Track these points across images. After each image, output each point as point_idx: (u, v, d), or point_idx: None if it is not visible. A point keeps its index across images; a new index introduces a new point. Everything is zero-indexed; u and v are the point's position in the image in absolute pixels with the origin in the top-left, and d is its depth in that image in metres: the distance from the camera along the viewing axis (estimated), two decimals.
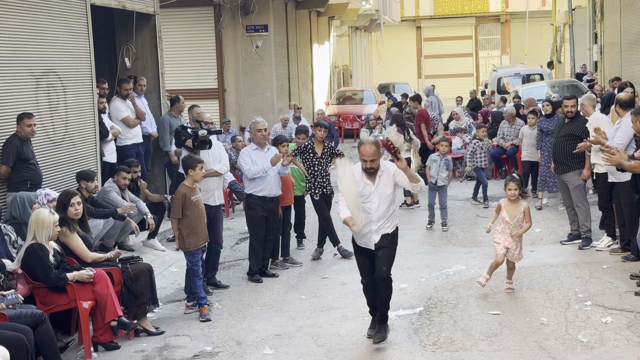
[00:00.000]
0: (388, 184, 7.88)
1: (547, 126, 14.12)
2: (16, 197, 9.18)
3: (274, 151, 10.83)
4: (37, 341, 6.97)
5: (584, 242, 11.60)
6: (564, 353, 7.52)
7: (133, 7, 14.05)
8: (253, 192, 10.68)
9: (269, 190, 10.66)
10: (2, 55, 10.09)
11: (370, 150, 7.65)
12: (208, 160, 10.19)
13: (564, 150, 11.66)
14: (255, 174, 10.51)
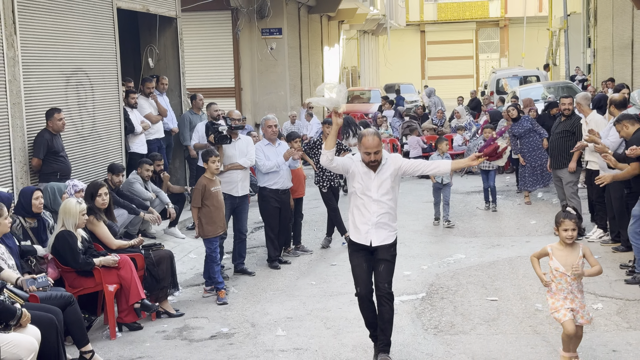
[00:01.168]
0: (388, 172, 6.87)
1: (517, 129, 14.18)
2: (47, 187, 9.22)
3: (285, 146, 10.86)
4: (66, 321, 6.99)
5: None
6: (557, 337, 7.49)
7: (156, 10, 14.08)
8: (267, 185, 10.70)
9: (281, 184, 10.69)
10: (35, 54, 10.12)
11: (373, 141, 6.74)
12: (234, 154, 10.24)
13: (559, 146, 11.69)
14: (269, 169, 10.54)
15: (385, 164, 6.86)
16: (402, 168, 6.91)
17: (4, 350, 6.04)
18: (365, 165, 6.84)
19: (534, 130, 14.10)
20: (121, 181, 10.70)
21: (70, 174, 10.08)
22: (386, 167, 6.86)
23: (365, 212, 6.89)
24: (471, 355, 7.13)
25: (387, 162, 6.89)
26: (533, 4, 52.64)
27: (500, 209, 14.23)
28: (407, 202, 14.99)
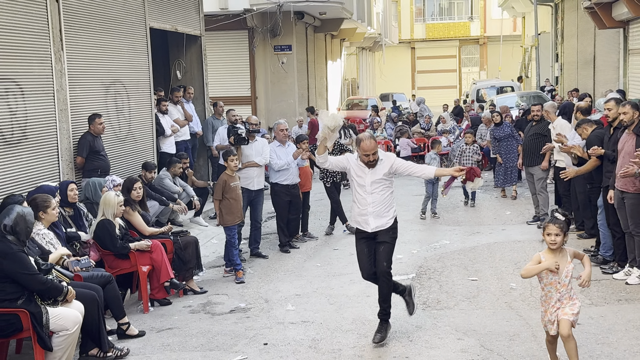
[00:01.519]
0: (382, 170, 6.82)
1: (498, 133, 14.20)
2: (89, 182, 9.24)
3: (293, 147, 10.90)
4: (106, 297, 7.00)
5: (542, 222, 11.58)
6: (529, 312, 7.51)
7: (184, 30, 14.09)
8: (278, 181, 10.70)
9: (290, 180, 10.71)
10: (79, 67, 10.13)
11: (371, 144, 6.71)
12: (251, 154, 10.28)
13: (531, 147, 11.73)
14: (280, 167, 10.57)
15: (379, 165, 6.82)
16: (394, 166, 6.86)
17: (52, 322, 6.05)
18: (361, 163, 6.83)
19: (512, 135, 14.09)
20: (153, 177, 10.71)
21: (109, 170, 10.10)
22: (381, 165, 6.81)
23: (363, 203, 6.85)
24: (454, 328, 7.12)
25: (383, 161, 6.83)
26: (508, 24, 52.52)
27: (479, 202, 14.22)
28: (399, 195, 14.91)
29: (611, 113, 8.76)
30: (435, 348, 6.60)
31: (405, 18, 57.28)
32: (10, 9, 8.66)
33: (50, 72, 9.41)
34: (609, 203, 8.62)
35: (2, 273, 5.95)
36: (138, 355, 6.77)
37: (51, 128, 9.44)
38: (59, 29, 9.59)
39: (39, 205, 7.05)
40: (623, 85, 20.35)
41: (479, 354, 6.41)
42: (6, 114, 8.56)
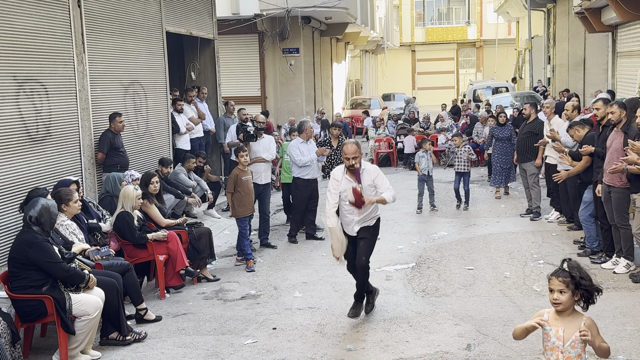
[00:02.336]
0: (366, 183, 6.85)
1: (499, 133, 13.89)
2: (109, 176, 9.25)
3: (314, 144, 10.88)
4: (125, 284, 7.02)
5: (534, 215, 11.66)
6: (522, 299, 7.51)
7: (198, 33, 14.09)
8: (300, 176, 10.69)
9: (312, 174, 10.73)
10: (100, 69, 10.14)
11: (351, 148, 6.74)
12: (258, 150, 10.30)
13: (524, 144, 11.71)
14: (305, 163, 10.56)
15: (363, 174, 6.82)
16: (375, 181, 6.87)
17: (75, 308, 6.08)
18: (347, 173, 6.86)
19: (510, 138, 13.73)
20: (169, 172, 10.73)
21: (128, 165, 10.11)
22: (364, 176, 6.83)
23: (350, 216, 6.95)
24: (452, 314, 7.13)
25: (364, 172, 6.84)
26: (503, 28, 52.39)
27: (475, 195, 14.18)
28: (401, 189, 14.94)
29: (599, 112, 8.76)
30: (433, 333, 6.61)
31: (406, 22, 57.16)
32: (35, 13, 8.68)
33: (72, 74, 9.42)
34: (597, 197, 8.61)
35: (27, 261, 5.99)
36: (155, 339, 6.79)
37: (74, 126, 9.46)
38: (81, 32, 9.60)
39: (62, 198, 7.08)
40: (612, 86, 20.28)
41: (474, 338, 6.41)
42: (32, 113, 8.58)
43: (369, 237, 7.01)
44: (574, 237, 10.01)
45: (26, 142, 8.46)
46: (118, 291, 6.64)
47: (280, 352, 6.29)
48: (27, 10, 8.52)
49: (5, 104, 8.11)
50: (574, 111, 10.57)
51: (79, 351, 6.19)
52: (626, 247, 8.28)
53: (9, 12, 8.21)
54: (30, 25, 8.58)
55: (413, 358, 6.01)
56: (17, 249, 6.06)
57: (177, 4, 12.99)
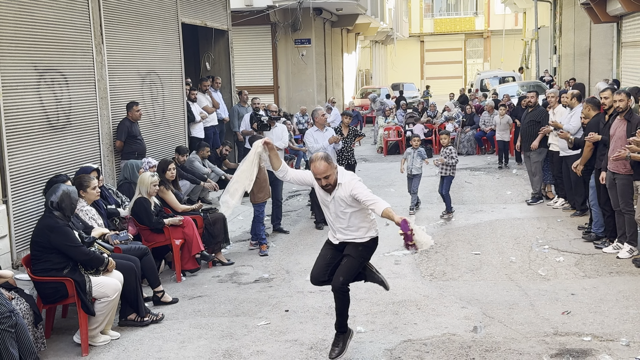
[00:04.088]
0: (342, 197, 5.49)
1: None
2: (127, 163, 9.28)
3: (331, 132, 10.80)
4: (143, 267, 7.05)
5: (532, 200, 11.76)
6: (527, 283, 7.50)
7: (212, 25, 14.07)
8: None
9: None
10: (117, 59, 10.16)
11: (320, 167, 5.36)
12: (272, 138, 10.23)
13: (528, 133, 11.62)
14: (316, 150, 10.51)
15: (338, 189, 5.48)
16: (353, 196, 5.45)
17: (95, 290, 6.12)
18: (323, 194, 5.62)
19: None
20: (185, 160, 10.75)
21: (145, 153, 10.14)
22: (340, 191, 5.48)
23: (330, 222, 5.74)
24: (459, 297, 7.12)
25: (341, 187, 5.48)
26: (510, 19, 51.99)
27: (482, 182, 14.15)
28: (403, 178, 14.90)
29: (608, 101, 8.70)
30: (441, 315, 6.61)
31: (415, 13, 56.86)
32: (56, 6, 8.69)
33: (91, 64, 9.43)
34: (600, 183, 8.57)
35: (49, 245, 6.03)
36: (172, 320, 6.83)
37: (93, 114, 9.49)
38: (99, 24, 9.61)
39: (81, 185, 7.11)
40: (616, 75, 20.11)
41: (481, 320, 6.41)
42: (52, 102, 8.61)
43: (355, 256, 5.62)
44: (579, 222, 9.96)
45: (47, 130, 8.50)
46: (136, 274, 6.68)
47: (293, 333, 6.32)
48: (47, 3, 8.54)
49: (27, 94, 8.14)
50: (572, 99, 10.51)
51: (98, 331, 6.24)
52: (630, 232, 8.24)
53: (30, 4, 8.23)
54: (50, 17, 8.59)
55: (421, 340, 6.02)
56: (39, 233, 6.10)
57: None
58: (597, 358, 5.46)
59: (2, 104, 7.62)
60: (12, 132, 7.82)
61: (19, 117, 7.98)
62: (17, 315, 5.35)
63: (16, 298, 5.73)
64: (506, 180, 14.32)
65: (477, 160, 17.25)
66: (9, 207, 7.69)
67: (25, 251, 7.47)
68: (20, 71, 8.04)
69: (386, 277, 7.63)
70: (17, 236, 7.81)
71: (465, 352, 5.69)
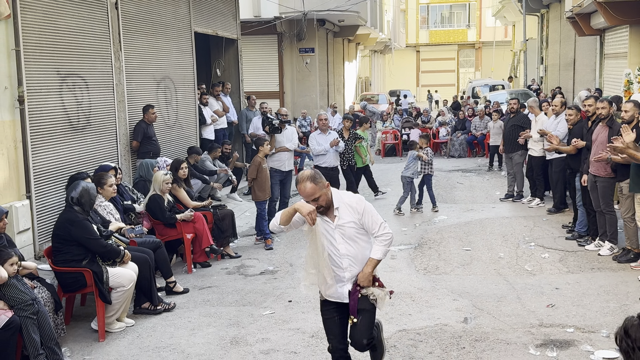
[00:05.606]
0: (348, 219, 4.31)
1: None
2: (142, 162, 9.28)
3: (334, 135, 10.81)
4: (156, 259, 7.05)
5: (517, 197, 11.94)
6: (515, 277, 7.48)
7: (223, 34, 14.06)
8: (319, 164, 10.68)
9: (329, 163, 10.67)
10: (135, 65, 10.15)
11: (307, 188, 4.22)
12: (282, 140, 10.23)
13: (510, 136, 11.78)
14: (319, 152, 10.56)
15: (339, 208, 4.32)
16: (362, 220, 4.34)
17: (111, 280, 6.12)
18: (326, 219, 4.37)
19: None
20: (198, 160, 10.74)
21: (160, 153, 10.13)
22: (343, 213, 4.32)
23: (336, 269, 4.39)
24: (451, 290, 7.11)
25: (340, 209, 4.32)
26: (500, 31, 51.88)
27: (473, 183, 14.14)
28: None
29: (591, 109, 8.73)
30: (434, 307, 6.60)
31: (412, 25, 56.80)
32: (77, 15, 8.69)
33: (110, 69, 9.43)
34: (583, 185, 8.57)
35: (69, 237, 6.02)
36: (183, 309, 6.82)
37: (111, 116, 9.48)
38: (118, 32, 9.61)
39: (99, 182, 7.11)
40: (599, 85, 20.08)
41: (471, 312, 6.40)
42: (74, 104, 8.61)
43: (370, 308, 4.41)
44: (563, 221, 9.95)
45: (68, 131, 8.50)
46: (150, 266, 6.68)
47: (295, 322, 6.31)
48: (69, 12, 8.53)
49: (50, 96, 8.14)
50: (562, 107, 10.50)
51: (114, 319, 6.24)
52: (611, 232, 8.22)
53: (53, 13, 8.22)
54: (72, 25, 8.59)
55: (415, 329, 6.01)
56: (60, 226, 6.10)
57: (205, 7, 12.96)
58: (580, 348, 5.45)
59: (27, 106, 7.62)
60: (35, 132, 7.82)
61: (42, 118, 7.98)
62: (39, 303, 5.36)
63: (38, 287, 5.72)
64: (495, 181, 14.30)
65: (468, 163, 17.24)
66: (32, 202, 7.69)
67: (47, 243, 7.47)
68: (44, 75, 8.04)
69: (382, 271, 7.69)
70: (39, 229, 7.81)
71: (456, 342, 5.68)
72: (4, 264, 5.25)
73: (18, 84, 7.50)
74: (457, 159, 18.02)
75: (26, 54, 7.65)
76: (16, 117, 7.50)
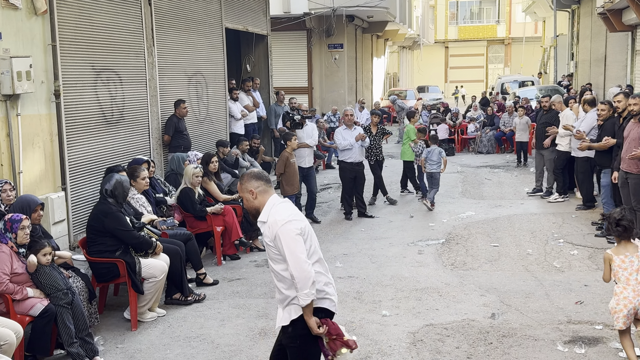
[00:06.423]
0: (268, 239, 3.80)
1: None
2: (174, 156, 9.36)
3: (359, 130, 10.78)
4: (187, 251, 7.11)
5: (546, 193, 11.82)
6: (543, 274, 7.41)
7: (253, 30, 14.11)
8: (344, 159, 10.66)
9: (354, 158, 10.59)
10: (167, 61, 10.25)
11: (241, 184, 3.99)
12: (303, 136, 10.24)
13: (541, 133, 11.69)
14: (344, 147, 10.52)
15: (266, 223, 3.81)
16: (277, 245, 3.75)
17: (144, 271, 6.20)
18: None
19: None
20: (228, 152, 10.80)
21: (191, 147, 10.21)
22: (265, 229, 3.82)
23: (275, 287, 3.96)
24: (478, 285, 7.07)
25: (267, 223, 3.80)
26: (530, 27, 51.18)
27: (501, 179, 14.00)
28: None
29: (621, 105, 8.58)
30: (461, 302, 6.57)
31: (441, 21, 56.34)
32: (112, 11, 8.80)
33: (143, 64, 9.53)
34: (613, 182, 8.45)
35: (103, 229, 6.12)
36: (213, 300, 6.88)
37: (144, 111, 9.59)
38: (151, 28, 9.70)
39: (132, 175, 7.20)
40: (630, 81, 19.72)
41: (498, 308, 6.35)
42: (108, 99, 8.73)
43: (289, 343, 3.88)
44: (592, 218, 9.81)
45: (102, 125, 8.62)
46: (181, 257, 6.74)
47: None
48: (104, 8, 8.64)
49: (85, 91, 8.26)
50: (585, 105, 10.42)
51: (146, 309, 6.32)
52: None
53: (89, 9, 8.34)
54: (107, 21, 8.70)
55: (442, 324, 5.99)
56: (94, 218, 6.19)
57: (236, 3, 13.01)
58: (608, 345, 5.38)
59: (62, 100, 7.75)
60: (71, 125, 7.95)
61: (77, 112, 8.10)
62: (74, 293, 5.45)
63: (73, 277, 5.82)
64: (524, 177, 14.14)
65: (496, 159, 17.07)
66: (67, 193, 7.82)
67: (81, 234, 7.60)
68: (79, 70, 8.16)
69: (410, 266, 7.65)
70: (74, 220, 7.95)
71: (483, 337, 5.65)
72: (37, 254, 5.35)
73: (54, 78, 7.63)
74: (485, 155, 17.86)
75: (62, 49, 7.77)
76: (52, 110, 7.64)
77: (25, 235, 5.34)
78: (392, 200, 11.74)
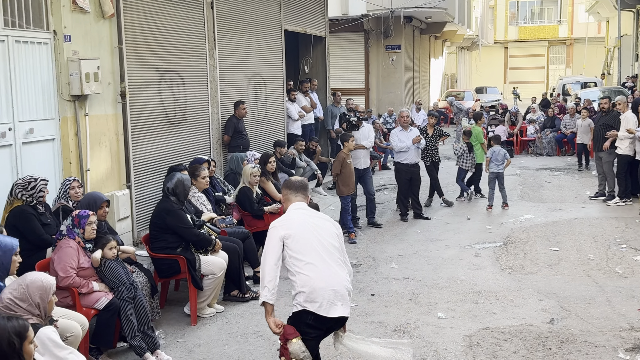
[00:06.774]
0: None
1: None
2: (233, 156, 9.49)
3: (415, 131, 10.70)
4: (245, 249, 7.18)
5: (608, 197, 11.45)
6: (604, 280, 7.19)
7: (312, 32, 14.19)
8: (400, 161, 10.61)
9: (410, 159, 10.52)
10: (227, 62, 10.41)
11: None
12: (359, 138, 10.20)
13: (601, 135, 11.38)
14: (400, 149, 10.47)
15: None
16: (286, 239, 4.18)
17: (203, 267, 6.31)
18: None
19: None
20: (285, 152, 10.88)
21: (249, 147, 10.34)
22: None
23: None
24: (537, 290, 6.91)
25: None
26: (594, 27, 49.71)
27: (562, 182, 13.65)
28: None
29: None
30: (519, 306, 6.44)
31: (500, 21, 55.30)
32: (176, 14, 9.00)
33: (205, 66, 9.71)
34: None
35: (165, 226, 6.26)
36: None
37: (205, 111, 9.77)
38: (212, 31, 9.88)
39: (193, 174, 7.34)
40: None
41: (558, 313, 6.21)
42: (171, 100, 8.93)
43: None
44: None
45: (166, 125, 8.83)
46: (239, 255, 6.83)
47: (378, 316, 6.31)
48: (168, 11, 8.85)
49: (149, 92, 8.48)
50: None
51: (205, 305, 6.44)
52: None
53: (154, 13, 8.56)
54: (171, 24, 8.91)
55: (499, 328, 5.89)
56: (157, 215, 6.34)
57: (295, 6, 13.11)
58: None
59: (128, 101, 7.98)
60: (135, 125, 8.18)
61: (142, 112, 8.33)
62: (137, 288, 5.59)
63: (136, 272, 5.97)
64: (585, 181, 13.75)
65: (557, 161, 16.66)
66: (132, 191, 8.05)
67: (144, 230, 7.81)
68: (144, 72, 8.39)
69: (466, 269, 7.55)
70: (137, 217, 8.17)
71: (542, 342, 5.53)
72: (104, 249, 5.52)
73: (120, 79, 7.86)
74: (546, 157, 17.45)
75: (128, 51, 8.00)
76: (118, 111, 7.87)
77: (92, 231, 5.51)
78: (448, 202, 11.61)
